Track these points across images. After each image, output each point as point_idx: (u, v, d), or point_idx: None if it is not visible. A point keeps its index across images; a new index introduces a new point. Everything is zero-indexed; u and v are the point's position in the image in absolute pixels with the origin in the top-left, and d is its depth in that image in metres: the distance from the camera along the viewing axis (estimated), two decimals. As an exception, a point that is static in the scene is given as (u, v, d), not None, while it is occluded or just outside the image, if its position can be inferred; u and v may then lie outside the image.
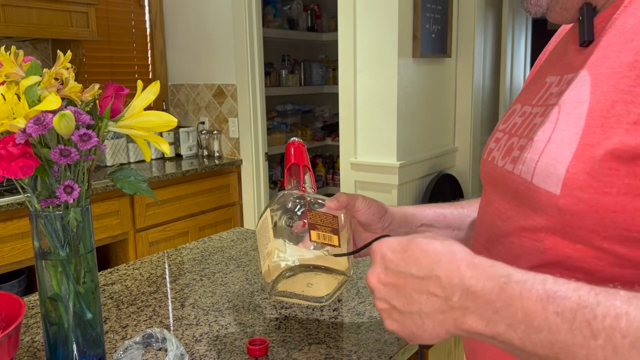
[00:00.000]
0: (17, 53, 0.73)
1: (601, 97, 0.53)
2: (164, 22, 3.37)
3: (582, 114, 0.53)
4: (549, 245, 0.55)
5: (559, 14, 0.64)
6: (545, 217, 0.54)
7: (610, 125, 0.50)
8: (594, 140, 0.51)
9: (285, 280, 0.72)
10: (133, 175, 0.82)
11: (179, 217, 2.84)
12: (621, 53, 0.53)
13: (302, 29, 4.03)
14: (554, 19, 0.65)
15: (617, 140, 0.49)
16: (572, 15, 0.62)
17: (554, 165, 0.53)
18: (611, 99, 0.51)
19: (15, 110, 0.69)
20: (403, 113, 2.59)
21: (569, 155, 0.52)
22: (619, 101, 0.50)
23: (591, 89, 0.54)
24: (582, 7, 0.59)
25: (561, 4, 0.62)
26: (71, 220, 0.76)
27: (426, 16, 2.67)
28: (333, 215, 0.74)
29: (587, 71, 0.56)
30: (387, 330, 0.57)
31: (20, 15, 2.41)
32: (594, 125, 0.52)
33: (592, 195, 0.50)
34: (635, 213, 0.48)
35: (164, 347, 0.88)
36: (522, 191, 0.58)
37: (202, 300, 1.09)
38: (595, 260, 0.52)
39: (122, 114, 0.78)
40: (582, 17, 0.59)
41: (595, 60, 0.55)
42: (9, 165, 0.68)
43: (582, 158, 0.51)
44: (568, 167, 0.52)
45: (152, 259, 1.36)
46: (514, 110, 0.68)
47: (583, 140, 0.52)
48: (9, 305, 0.79)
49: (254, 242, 1.48)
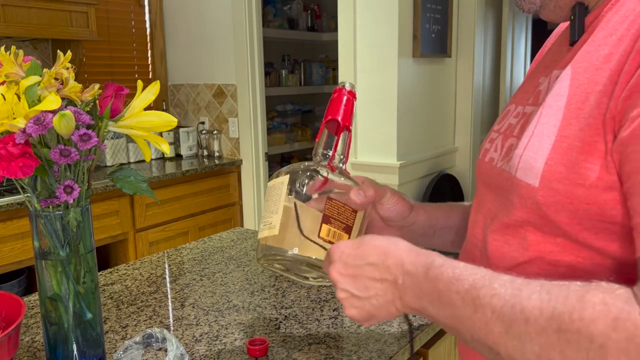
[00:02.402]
0: (17, 53, 0.73)
1: (577, 90, 0.54)
2: (164, 22, 3.37)
3: (561, 106, 0.55)
4: (531, 241, 0.57)
5: (552, 11, 0.64)
6: (526, 211, 0.57)
7: (584, 116, 0.52)
8: (570, 132, 0.52)
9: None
10: (133, 175, 0.82)
11: (178, 217, 2.84)
12: (600, 47, 0.54)
13: (302, 29, 4.03)
14: (548, 16, 0.65)
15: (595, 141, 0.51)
16: (566, 13, 0.63)
17: (535, 158, 0.55)
18: (585, 91, 0.53)
19: (15, 110, 0.69)
20: (403, 113, 2.59)
21: (548, 147, 0.54)
22: (593, 93, 0.52)
23: (570, 82, 0.55)
24: (575, 7, 0.60)
25: (555, 2, 0.63)
26: (71, 220, 0.76)
27: (426, 16, 2.66)
28: (352, 209, 0.69)
29: (570, 66, 0.57)
30: (348, 318, 0.68)
31: (20, 15, 2.41)
32: (570, 117, 0.53)
33: (567, 187, 0.52)
34: (604, 205, 0.50)
35: (164, 347, 0.88)
36: (507, 186, 0.60)
37: (202, 300, 1.09)
38: (575, 252, 0.54)
39: (122, 114, 0.78)
40: (573, 17, 0.60)
41: (579, 56, 0.56)
42: (9, 165, 0.68)
43: (559, 150, 0.53)
44: (546, 160, 0.54)
45: (152, 259, 1.36)
46: (509, 110, 0.69)
47: (560, 132, 0.54)
48: (9, 305, 0.79)
49: (254, 242, 1.48)
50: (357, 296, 0.60)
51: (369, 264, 0.59)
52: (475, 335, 0.51)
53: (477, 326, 0.50)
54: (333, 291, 1.12)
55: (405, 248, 0.59)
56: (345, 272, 0.60)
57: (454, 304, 0.52)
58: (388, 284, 0.58)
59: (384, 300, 0.59)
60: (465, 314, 0.51)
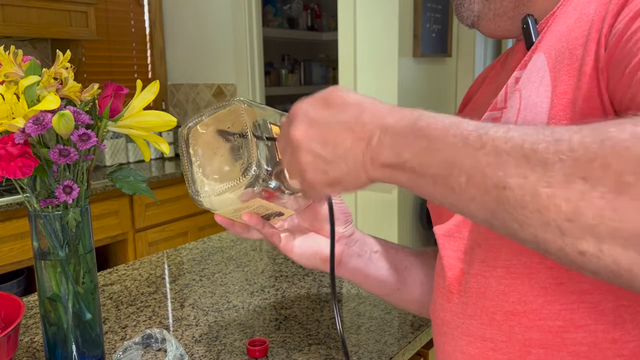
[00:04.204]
0: (16, 52, 0.73)
1: (556, 54, 0.53)
2: (163, 22, 3.36)
3: (544, 71, 0.53)
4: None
5: (491, 21, 0.63)
6: None
7: (575, 67, 0.50)
8: (566, 87, 0.50)
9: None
10: (132, 175, 0.82)
11: (178, 217, 2.84)
12: (566, 20, 0.54)
13: (302, 29, 4.03)
14: (487, 27, 0.64)
15: (584, 83, 0.49)
16: (505, 22, 0.62)
17: (534, 120, 0.52)
18: (568, 48, 0.52)
19: (15, 110, 0.69)
20: (403, 113, 2.59)
21: (546, 109, 0.51)
22: (576, 47, 0.51)
23: (545, 56, 0.54)
24: (525, 17, 0.59)
25: (494, 11, 0.62)
26: (70, 221, 0.76)
27: (427, 15, 2.66)
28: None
29: (537, 52, 0.55)
30: (308, 184, 0.54)
31: (20, 14, 2.40)
32: (558, 76, 0.51)
33: None
34: None
35: (164, 348, 0.88)
36: None
37: (202, 300, 1.09)
38: None
39: (122, 114, 0.78)
40: (525, 25, 0.59)
41: (544, 42, 0.56)
42: (8, 165, 0.67)
43: (560, 107, 0.50)
44: (547, 119, 0.51)
45: (151, 259, 1.36)
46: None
47: (554, 91, 0.51)
48: (8, 305, 0.78)
49: (254, 242, 1.48)
50: (324, 158, 0.51)
51: (340, 121, 0.50)
52: (474, 176, 0.41)
53: (483, 162, 0.40)
54: (333, 291, 1.12)
55: (386, 105, 0.50)
56: (312, 131, 0.51)
57: (451, 147, 0.43)
58: (360, 144, 0.49)
59: (354, 164, 0.50)
60: (466, 153, 0.42)
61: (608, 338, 0.50)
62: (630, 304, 0.49)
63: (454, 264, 0.61)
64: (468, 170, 0.42)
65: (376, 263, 0.74)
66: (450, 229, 0.63)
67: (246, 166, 0.58)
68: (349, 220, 0.72)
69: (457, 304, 0.60)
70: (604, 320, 0.50)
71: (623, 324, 0.49)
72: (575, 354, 0.51)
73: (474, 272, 0.58)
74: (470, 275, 0.59)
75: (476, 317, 0.58)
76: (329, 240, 0.70)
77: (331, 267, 0.67)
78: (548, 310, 0.52)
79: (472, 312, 0.58)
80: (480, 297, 0.57)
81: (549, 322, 0.52)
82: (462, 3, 0.65)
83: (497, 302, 0.55)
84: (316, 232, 0.72)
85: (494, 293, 0.56)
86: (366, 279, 0.75)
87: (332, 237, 0.67)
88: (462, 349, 0.60)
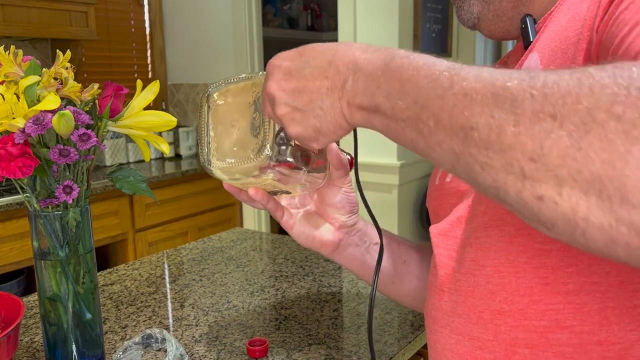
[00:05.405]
0: (16, 52, 0.73)
1: (549, 52, 0.53)
2: (163, 22, 3.36)
3: (538, 68, 0.53)
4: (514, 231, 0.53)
5: (491, 22, 0.64)
6: None
7: (559, 57, 0.51)
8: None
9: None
10: (132, 175, 0.82)
11: (178, 217, 2.84)
12: (560, 19, 0.54)
13: (302, 28, 4.03)
14: (487, 28, 0.65)
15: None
16: (504, 23, 0.63)
17: None
18: (560, 48, 0.52)
19: (15, 110, 0.69)
20: (403, 113, 2.59)
21: None
22: (569, 46, 0.51)
23: (539, 54, 0.54)
24: (524, 17, 0.60)
25: (493, 12, 0.63)
26: (70, 221, 0.76)
27: (427, 15, 2.66)
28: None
29: (534, 52, 0.56)
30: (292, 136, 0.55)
31: (20, 14, 2.40)
32: (549, 63, 0.52)
33: None
34: None
35: (164, 348, 0.88)
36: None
37: (202, 300, 1.09)
38: None
39: (122, 114, 0.78)
40: (524, 25, 0.60)
41: (539, 43, 0.56)
42: (8, 165, 0.67)
43: None
44: None
45: (151, 259, 1.36)
46: None
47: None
48: (8, 305, 0.78)
49: (254, 242, 1.48)
50: (300, 109, 0.51)
51: (314, 67, 0.50)
52: (442, 118, 0.39)
53: (451, 102, 0.39)
54: (333, 291, 1.12)
55: (359, 46, 0.49)
56: (288, 84, 0.51)
57: (421, 88, 0.42)
58: (336, 90, 0.49)
59: (330, 110, 0.49)
60: (435, 93, 0.40)
61: (594, 340, 0.50)
62: (617, 306, 0.49)
63: (446, 262, 0.62)
64: (436, 112, 0.40)
65: (374, 254, 0.76)
66: (445, 228, 0.63)
67: (260, 145, 0.58)
68: (354, 211, 0.73)
69: (448, 302, 0.61)
70: (590, 322, 0.50)
71: (609, 325, 0.49)
72: (560, 354, 0.51)
73: (464, 271, 0.58)
74: (461, 274, 0.59)
75: (465, 316, 0.58)
76: (330, 225, 0.72)
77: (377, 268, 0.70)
78: (533, 310, 0.52)
79: (461, 310, 0.58)
80: (469, 295, 0.57)
81: (534, 322, 0.52)
82: (462, 6, 0.66)
83: (485, 301, 0.56)
84: (320, 215, 0.73)
85: (482, 292, 0.56)
86: (361, 267, 0.77)
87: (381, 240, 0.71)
88: (450, 347, 0.60)
